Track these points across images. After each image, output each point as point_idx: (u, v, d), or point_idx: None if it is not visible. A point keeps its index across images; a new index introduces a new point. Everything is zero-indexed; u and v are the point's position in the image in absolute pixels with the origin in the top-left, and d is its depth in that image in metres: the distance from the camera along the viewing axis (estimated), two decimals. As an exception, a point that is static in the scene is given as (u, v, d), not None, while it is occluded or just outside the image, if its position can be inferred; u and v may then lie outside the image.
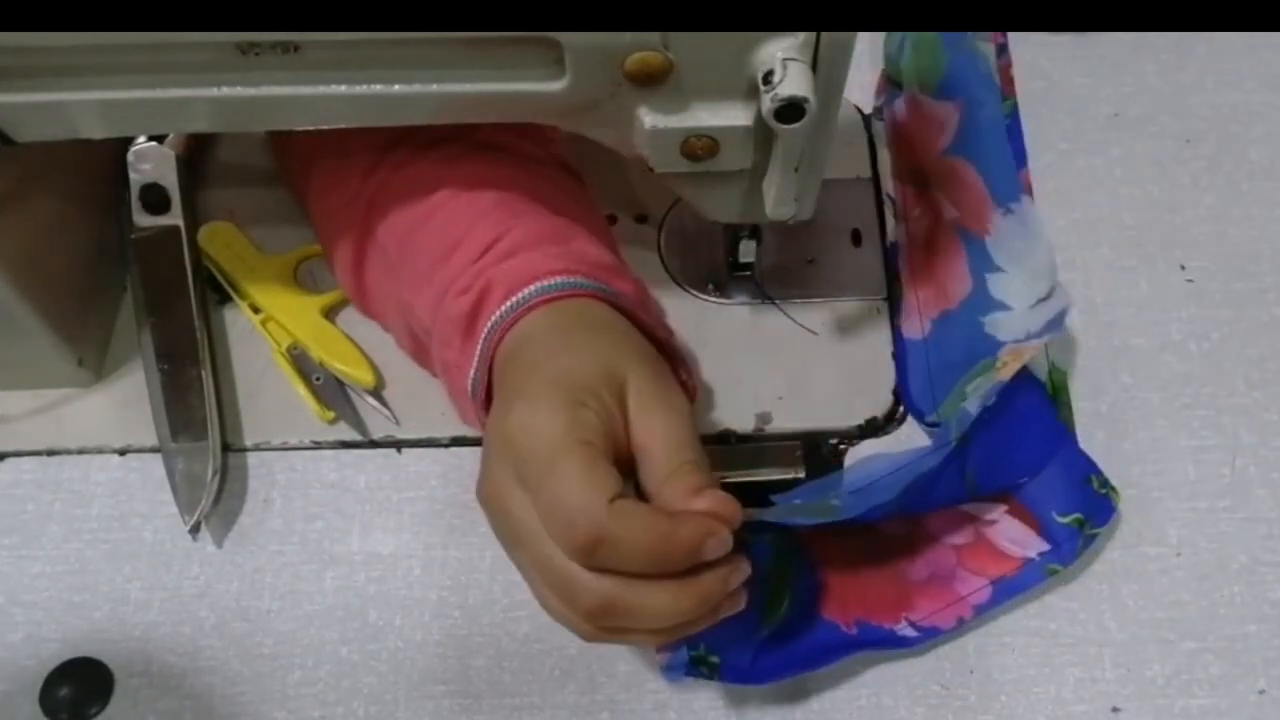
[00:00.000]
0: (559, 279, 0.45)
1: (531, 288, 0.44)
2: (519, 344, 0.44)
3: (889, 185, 0.60)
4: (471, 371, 0.45)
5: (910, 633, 0.48)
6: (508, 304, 0.44)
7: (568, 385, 0.40)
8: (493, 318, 0.44)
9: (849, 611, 0.48)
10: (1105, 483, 0.50)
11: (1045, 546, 0.49)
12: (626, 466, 0.41)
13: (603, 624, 0.39)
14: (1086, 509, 0.49)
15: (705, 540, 0.38)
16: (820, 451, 0.54)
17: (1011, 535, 0.49)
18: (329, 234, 0.54)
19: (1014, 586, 0.49)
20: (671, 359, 0.47)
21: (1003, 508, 0.50)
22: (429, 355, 0.51)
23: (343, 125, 0.43)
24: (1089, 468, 0.50)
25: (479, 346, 0.45)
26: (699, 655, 0.45)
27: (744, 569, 0.41)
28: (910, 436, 0.54)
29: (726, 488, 0.40)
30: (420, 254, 0.48)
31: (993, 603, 0.48)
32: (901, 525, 0.50)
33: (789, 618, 0.47)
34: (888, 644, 0.48)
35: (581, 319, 0.44)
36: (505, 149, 0.51)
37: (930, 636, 0.48)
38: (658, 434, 0.41)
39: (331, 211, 0.53)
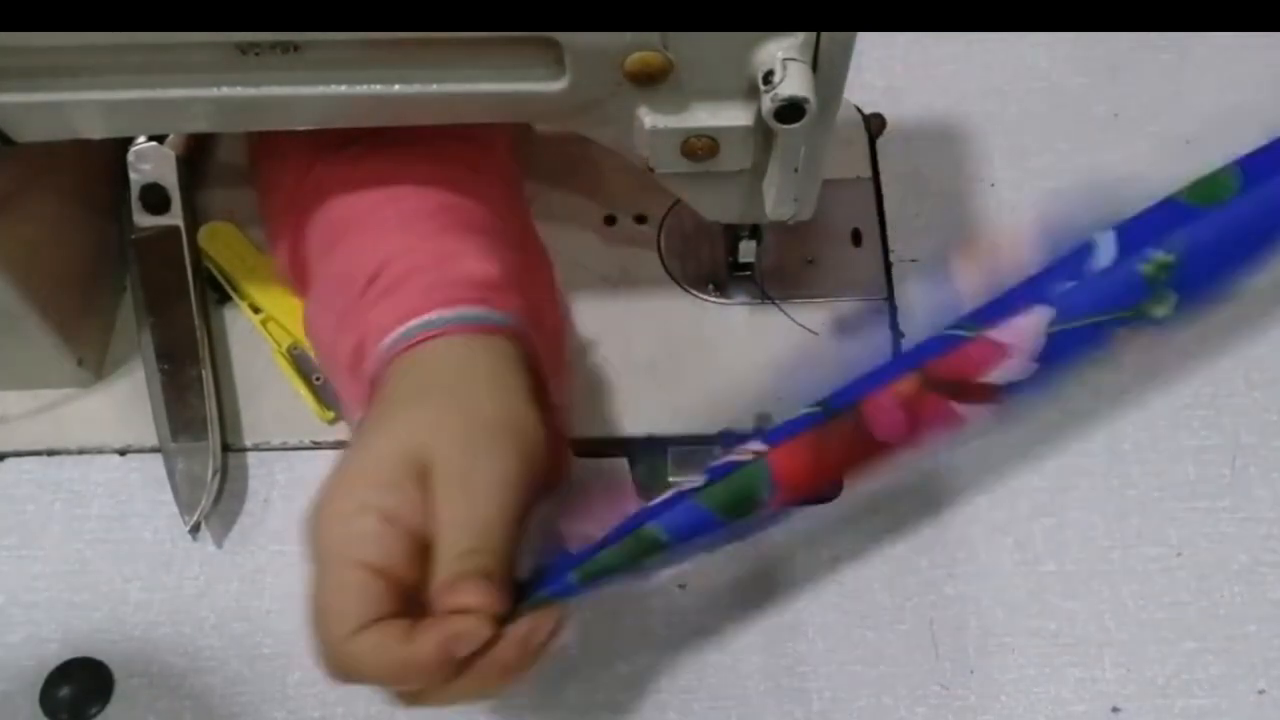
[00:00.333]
0: (420, 318, 0.43)
1: (392, 336, 0.43)
2: (377, 397, 0.43)
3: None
4: (358, 416, 0.44)
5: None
6: (375, 354, 0.43)
7: (361, 481, 0.39)
8: (369, 368, 0.44)
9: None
10: None
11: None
12: None
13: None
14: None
15: (450, 644, 0.37)
16: (820, 451, 0.54)
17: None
18: (270, 232, 0.53)
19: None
20: (552, 393, 0.46)
21: (994, 410, 0.43)
22: (338, 386, 0.49)
23: (343, 125, 0.43)
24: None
25: (364, 393, 0.44)
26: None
27: (546, 630, 0.39)
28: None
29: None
30: (327, 280, 0.47)
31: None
32: (902, 429, 0.43)
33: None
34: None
35: (419, 374, 0.42)
36: (433, 141, 0.49)
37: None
38: (443, 523, 0.39)
39: (271, 211, 0.52)
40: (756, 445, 0.42)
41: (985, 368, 0.42)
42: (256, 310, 0.57)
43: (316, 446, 0.54)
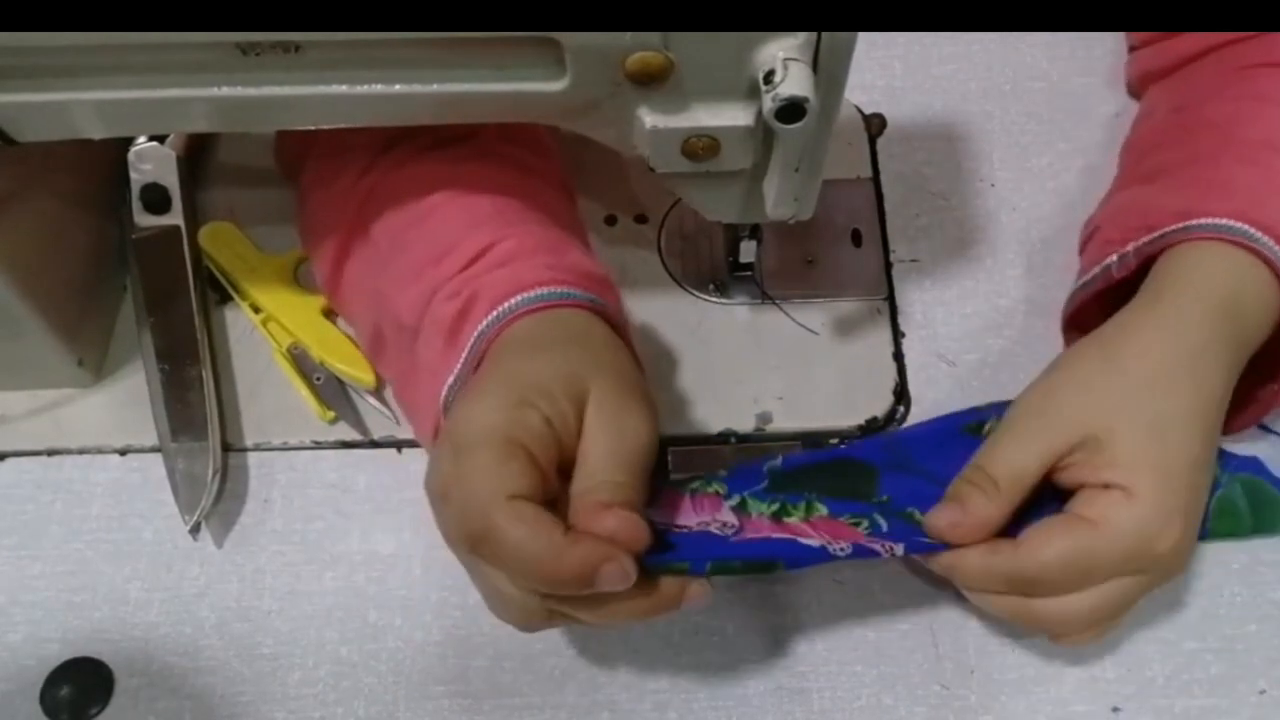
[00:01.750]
0: (546, 289, 0.45)
1: (517, 298, 0.44)
2: (496, 351, 0.44)
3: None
4: (450, 378, 0.45)
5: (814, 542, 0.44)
6: (493, 315, 0.44)
7: (520, 384, 0.40)
8: (479, 327, 0.44)
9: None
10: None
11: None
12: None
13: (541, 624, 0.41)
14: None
15: (599, 567, 0.38)
16: (820, 451, 0.54)
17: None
18: (317, 224, 0.54)
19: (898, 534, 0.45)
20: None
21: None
22: (386, 354, 0.51)
23: (343, 125, 0.43)
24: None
25: (463, 354, 0.45)
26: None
27: (623, 572, 0.39)
28: (910, 436, 0.54)
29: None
30: (412, 252, 0.48)
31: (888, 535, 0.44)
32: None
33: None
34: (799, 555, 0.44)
35: (562, 328, 0.44)
36: (507, 157, 0.51)
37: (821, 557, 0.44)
38: (598, 446, 0.40)
39: (324, 202, 0.53)
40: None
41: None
42: (257, 310, 0.57)
43: (317, 446, 0.54)
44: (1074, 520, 0.42)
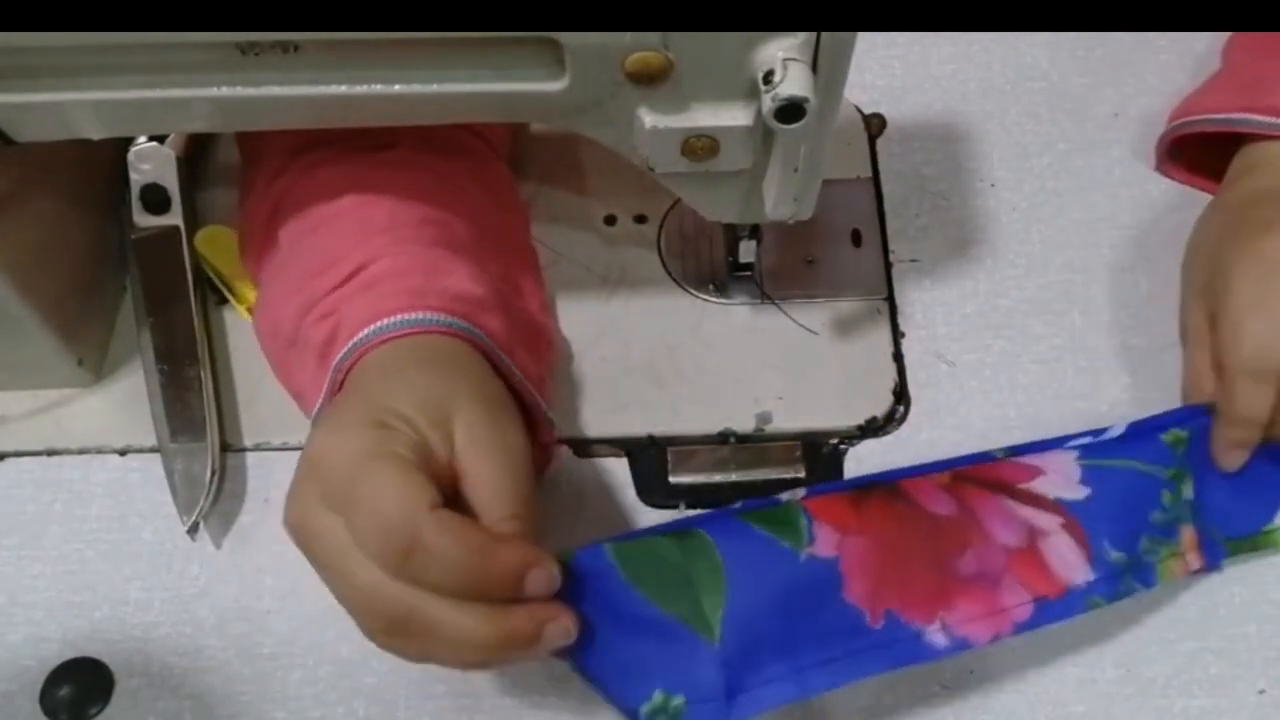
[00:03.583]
0: (404, 315, 0.43)
1: (372, 328, 0.43)
2: (353, 379, 0.43)
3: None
4: (318, 402, 0.45)
5: (940, 640, 0.42)
6: (349, 344, 0.43)
7: (378, 408, 0.39)
8: (339, 354, 0.44)
9: (881, 596, 0.43)
10: (1156, 554, 0.46)
11: (1092, 576, 0.45)
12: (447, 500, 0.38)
13: (400, 638, 0.38)
14: (1132, 559, 0.46)
15: (529, 569, 0.37)
16: (820, 451, 0.54)
17: (1062, 553, 0.45)
18: (242, 233, 0.54)
19: (1056, 611, 0.44)
20: (531, 411, 0.46)
21: (1059, 520, 0.46)
22: (284, 367, 0.50)
23: (343, 125, 0.44)
24: (1146, 527, 0.46)
25: (327, 378, 0.44)
26: (655, 706, 0.40)
27: (566, 629, 0.38)
28: (911, 437, 0.54)
29: (727, 488, 0.40)
30: (300, 261, 0.48)
31: (1032, 623, 0.44)
32: (954, 508, 0.45)
33: (780, 601, 0.42)
34: (912, 654, 0.42)
35: (423, 354, 0.43)
36: (426, 166, 0.50)
37: (960, 649, 0.43)
38: (485, 480, 0.39)
39: (246, 208, 0.53)
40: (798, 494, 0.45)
41: (1019, 480, 0.46)
42: (253, 314, 0.57)
43: (316, 446, 0.54)
44: None
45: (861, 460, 0.53)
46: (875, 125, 0.63)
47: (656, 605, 0.41)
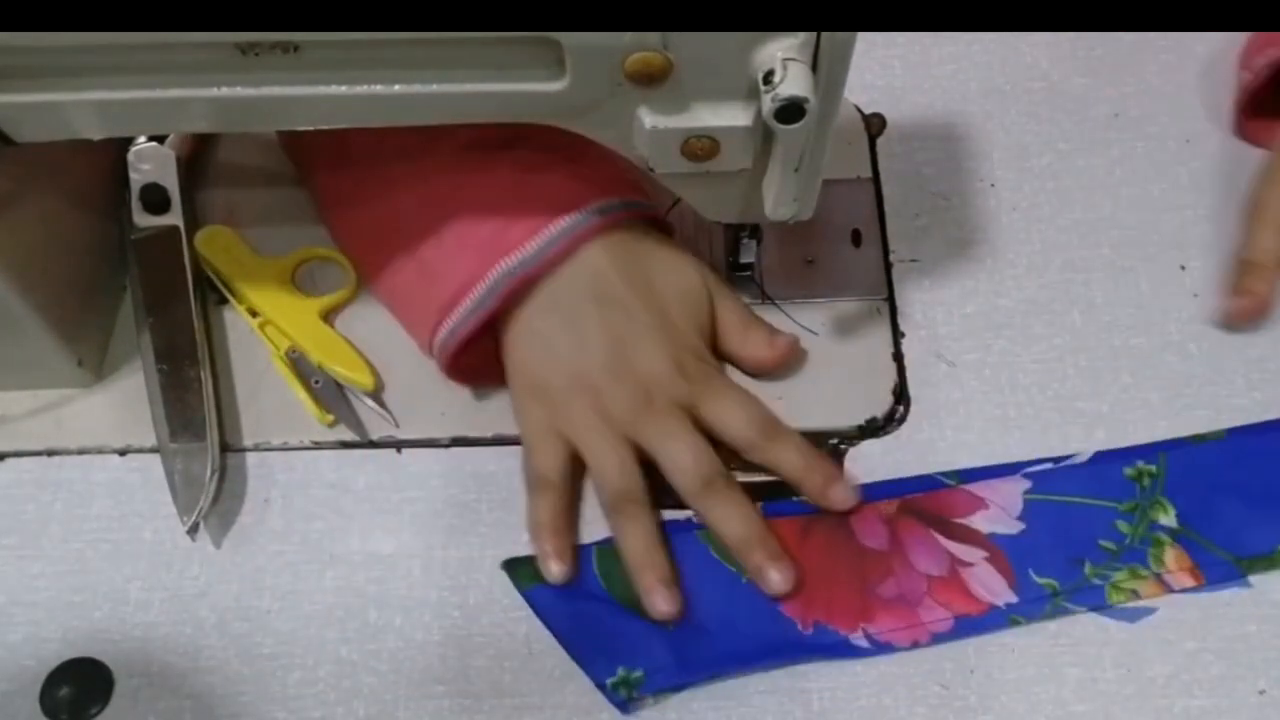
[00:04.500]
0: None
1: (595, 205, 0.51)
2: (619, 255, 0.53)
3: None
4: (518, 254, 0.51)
5: (863, 643, 0.48)
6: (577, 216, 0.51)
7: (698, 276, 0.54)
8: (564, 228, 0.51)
9: (810, 611, 0.49)
10: (1105, 578, 0.49)
11: (1014, 599, 0.49)
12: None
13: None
14: (1068, 584, 0.49)
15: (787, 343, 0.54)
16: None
17: (984, 579, 0.50)
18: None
19: (975, 625, 0.49)
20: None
21: (984, 554, 0.50)
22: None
23: (343, 125, 0.43)
24: (1092, 554, 0.50)
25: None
26: (617, 680, 0.47)
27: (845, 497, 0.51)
28: (911, 437, 0.54)
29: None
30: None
31: (951, 635, 0.49)
32: (885, 542, 0.51)
33: (725, 609, 0.49)
34: (838, 651, 0.48)
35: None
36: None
37: (881, 651, 0.48)
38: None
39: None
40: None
41: (957, 513, 0.51)
42: (254, 314, 0.57)
43: (317, 447, 0.54)
44: None
45: (862, 460, 0.53)
46: (875, 125, 0.63)
47: (620, 601, 0.49)
